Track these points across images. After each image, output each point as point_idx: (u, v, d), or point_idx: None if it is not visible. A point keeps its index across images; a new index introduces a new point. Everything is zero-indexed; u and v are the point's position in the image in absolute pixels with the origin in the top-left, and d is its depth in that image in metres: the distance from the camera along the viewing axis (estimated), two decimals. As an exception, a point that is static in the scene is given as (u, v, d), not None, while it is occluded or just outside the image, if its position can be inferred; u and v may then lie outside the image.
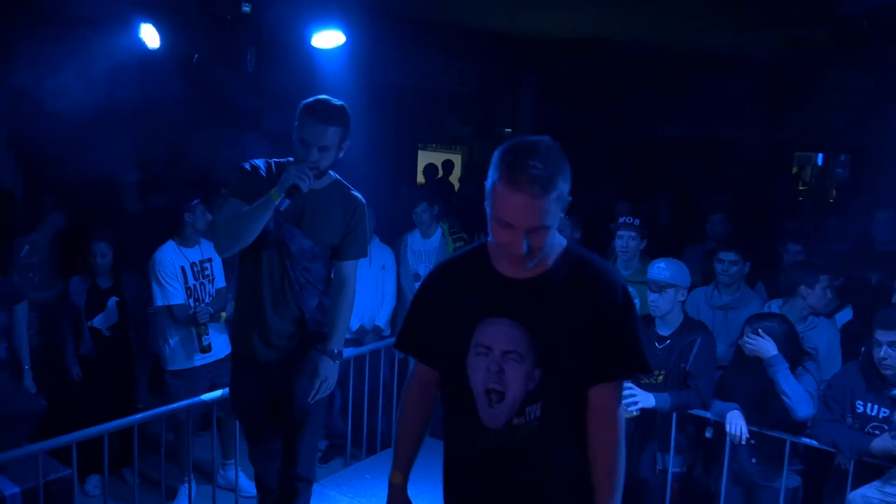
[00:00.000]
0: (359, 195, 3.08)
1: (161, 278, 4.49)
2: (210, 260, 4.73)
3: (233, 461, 4.49)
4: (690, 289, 4.12)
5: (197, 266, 4.66)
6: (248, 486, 4.46)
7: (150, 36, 4.87)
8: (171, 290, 4.50)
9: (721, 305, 4.50)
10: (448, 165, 11.48)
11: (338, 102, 2.88)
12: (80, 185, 5.44)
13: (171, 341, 4.55)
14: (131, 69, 4.69)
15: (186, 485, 4.43)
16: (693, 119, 12.01)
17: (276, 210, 2.81)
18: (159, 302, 4.52)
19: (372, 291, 5.32)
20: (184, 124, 6.25)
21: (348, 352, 4.65)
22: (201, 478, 4.77)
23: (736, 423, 3.57)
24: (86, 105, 4.65)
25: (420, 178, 10.90)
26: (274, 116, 5.48)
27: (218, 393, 3.72)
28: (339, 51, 5.25)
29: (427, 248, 5.60)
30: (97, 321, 4.79)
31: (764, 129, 12.16)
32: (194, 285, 4.63)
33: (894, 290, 4.17)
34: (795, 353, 3.60)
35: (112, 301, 4.83)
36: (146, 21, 4.80)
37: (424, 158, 12.02)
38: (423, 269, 5.50)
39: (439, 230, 5.63)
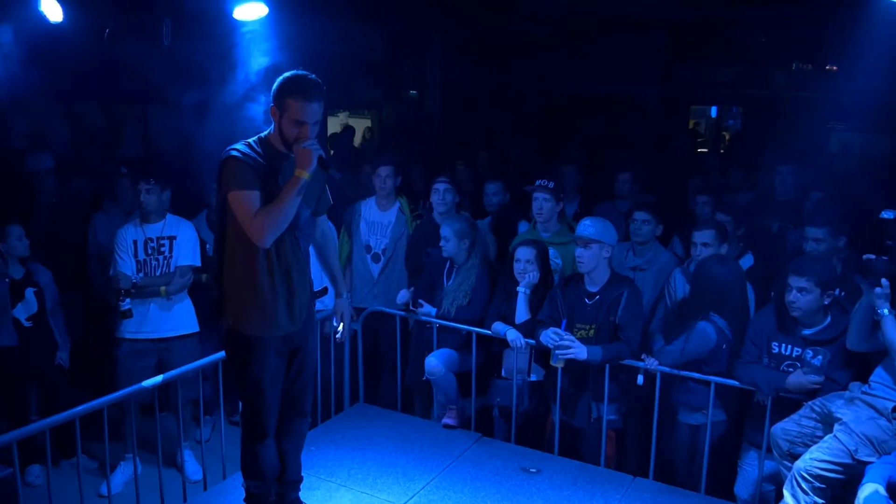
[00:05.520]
0: None
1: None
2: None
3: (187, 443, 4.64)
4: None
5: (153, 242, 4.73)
6: (195, 470, 4.58)
7: (51, 9, 4.59)
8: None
9: (633, 266, 4.69)
10: (349, 132, 11.36)
11: (313, 76, 2.93)
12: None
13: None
14: (32, 46, 4.41)
15: (129, 462, 4.44)
16: (596, 77, 12.33)
17: None
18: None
19: (313, 266, 5.15)
20: (93, 100, 5.95)
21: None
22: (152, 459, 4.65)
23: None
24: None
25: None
26: (187, 88, 5.29)
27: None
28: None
29: (382, 220, 5.30)
30: (16, 312, 4.68)
31: (661, 84, 12.62)
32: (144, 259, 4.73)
33: (802, 237, 4.43)
34: None
35: (30, 292, 4.73)
36: (47, -8, 4.52)
37: (333, 125, 11.89)
38: (376, 242, 5.29)
39: (397, 203, 5.33)
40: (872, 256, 3.20)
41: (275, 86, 2.90)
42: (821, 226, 4.21)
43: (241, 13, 4.95)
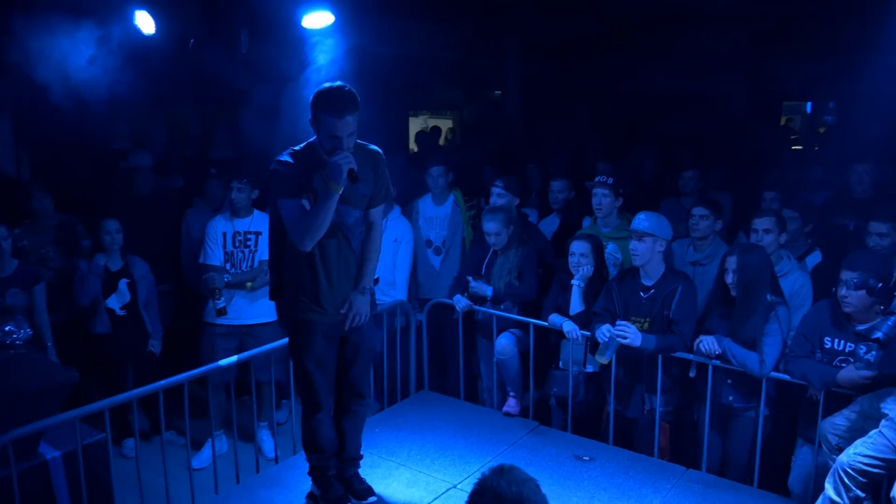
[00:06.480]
0: (375, 147, 3.34)
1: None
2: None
3: (266, 423, 5.08)
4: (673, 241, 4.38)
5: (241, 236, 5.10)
6: (271, 449, 4.93)
7: (145, 22, 5.06)
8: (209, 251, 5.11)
9: (693, 261, 4.70)
10: (436, 132, 11.62)
11: (347, 87, 3.08)
12: (85, 171, 5.64)
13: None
14: (130, 56, 4.87)
15: (217, 438, 4.78)
16: (680, 75, 12.11)
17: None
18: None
19: (384, 262, 5.21)
20: (187, 105, 6.43)
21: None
22: (239, 439, 5.00)
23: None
24: (88, 94, 4.84)
25: (412, 146, 11.06)
26: (265, 93, 5.67)
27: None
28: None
29: (439, 214, 5.57)
30: (110, 302, 5.11)
31: (748, 80, 12.28)
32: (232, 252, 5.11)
33: (867, 233, 4.37)
34: None
35: (123, 283, 5.15)
36: (140, 8, 4.99)
37: (415, 126, 12.20)
38: (435, 236, 5.56)
39: (451, 197, 5.62)
40: (878, 285, 3.21)
41: (311, 99, 3.08)
42: (885, 220, 4.14)
43: (309, 21, 5.28)
